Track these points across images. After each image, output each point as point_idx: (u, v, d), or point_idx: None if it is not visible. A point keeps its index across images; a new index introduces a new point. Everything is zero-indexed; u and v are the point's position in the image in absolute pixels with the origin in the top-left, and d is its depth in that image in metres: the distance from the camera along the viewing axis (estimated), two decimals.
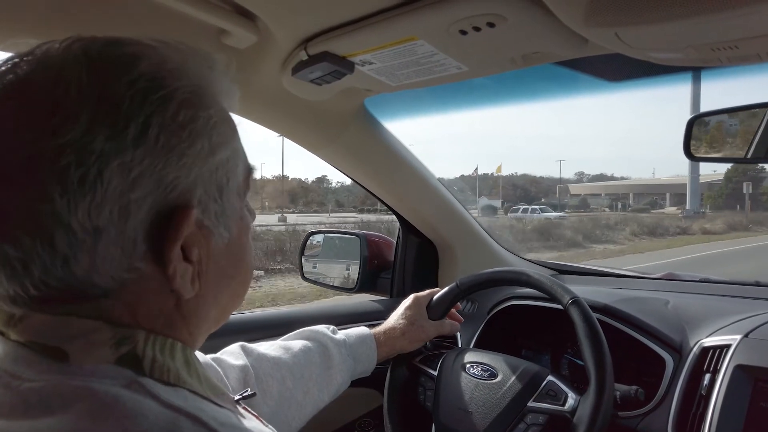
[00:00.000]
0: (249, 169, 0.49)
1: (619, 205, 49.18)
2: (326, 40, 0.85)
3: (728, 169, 43.39)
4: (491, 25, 0.74)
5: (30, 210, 0.36)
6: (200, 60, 0.44)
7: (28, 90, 0.38)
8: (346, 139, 1.21)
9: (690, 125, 1.07)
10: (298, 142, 1.21)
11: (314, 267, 1.64)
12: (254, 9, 0.79)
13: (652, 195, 55.20)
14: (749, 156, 1.09)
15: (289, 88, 1.00)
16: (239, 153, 0.47)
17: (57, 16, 0.75)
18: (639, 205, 48.67)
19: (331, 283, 1.61)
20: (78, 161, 0.36)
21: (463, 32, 0.77)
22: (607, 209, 44.29)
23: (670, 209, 43.91)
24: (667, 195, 52.44)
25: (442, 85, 1.00)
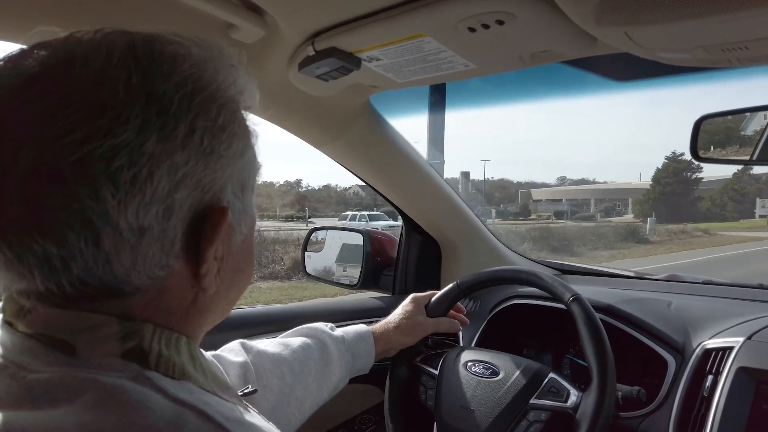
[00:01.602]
0: (259, 167, 0.50)
1: (568, 214, 42.32)
2: (334, 35, 0.84)
3: (657, 170, 39.91)
4: (500, 22, 0.74)
5: (80, 209, 0.36)
6: (226, 59, 0.44)
7: (71, 86, 0.37)
8: (351, 136, 1.21)
9: (697, 126, 1.06)
10: (303, 138, 1.21)
11: (317, 263, 1.64)
12: (262, 3, 0.78)
13: (613, 201, 49.49)
14: (755, 158, 1.09)
15: (295, 83, 1.00)
16: (255, 151, 0.47)
17: (62, 5, 0.75)
18: (586, 213, 42.22)
19: (334, 280, 1.61)
20: (131, 162, 0.36)
21: (472, 29, 0.77)
22: (552, 217, 39.25)
23: (627, 216, 39.47)
24: (630, 200, 47.84)
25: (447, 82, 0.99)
